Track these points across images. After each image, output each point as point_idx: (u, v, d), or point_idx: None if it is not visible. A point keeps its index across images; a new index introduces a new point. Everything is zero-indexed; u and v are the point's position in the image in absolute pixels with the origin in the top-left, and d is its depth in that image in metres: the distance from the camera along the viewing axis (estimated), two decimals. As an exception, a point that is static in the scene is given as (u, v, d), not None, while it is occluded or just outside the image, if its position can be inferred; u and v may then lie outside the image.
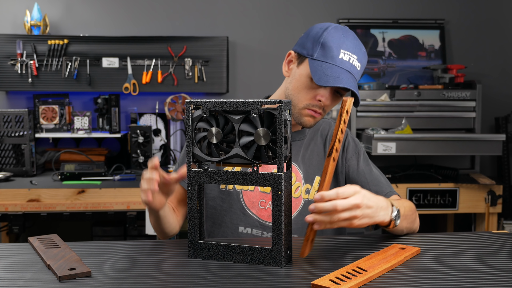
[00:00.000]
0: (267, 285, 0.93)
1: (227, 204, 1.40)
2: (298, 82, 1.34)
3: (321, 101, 1.32)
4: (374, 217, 1.08)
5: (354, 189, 1.05)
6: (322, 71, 1.28)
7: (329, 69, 1.28)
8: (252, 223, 1.39)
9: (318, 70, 1.28)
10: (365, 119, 2.86)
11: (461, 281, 0.94)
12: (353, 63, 1.30)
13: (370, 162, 1.49)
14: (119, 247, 1.16)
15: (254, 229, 1.39)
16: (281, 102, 1.00)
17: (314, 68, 1.29)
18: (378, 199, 1.11)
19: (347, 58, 1.29)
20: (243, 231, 1.39)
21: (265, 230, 1.39)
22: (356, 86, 1.31)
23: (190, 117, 1.08)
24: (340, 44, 1.29)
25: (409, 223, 1.27)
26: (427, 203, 2.72)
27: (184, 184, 1.44)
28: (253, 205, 1.39)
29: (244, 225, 1.39)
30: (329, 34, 1.30)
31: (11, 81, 3.00)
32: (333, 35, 1.30)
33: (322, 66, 1.28)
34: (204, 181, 1.07)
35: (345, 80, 1.27)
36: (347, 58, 1.29)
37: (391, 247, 1.13)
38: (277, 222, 1.02)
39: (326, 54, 1.29)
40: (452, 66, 3.08)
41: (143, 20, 3.19)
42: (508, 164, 3.08)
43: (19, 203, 2.45)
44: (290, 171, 1.06)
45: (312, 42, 1.32)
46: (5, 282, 0.95)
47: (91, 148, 3.13)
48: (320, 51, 1.30)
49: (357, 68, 1.31)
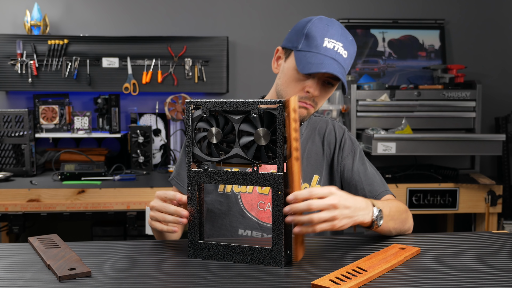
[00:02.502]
0: (267, 285, 0.93)
1: (226, 207, 1.40)
2: (286, 76, 1.34)
3: (310, 92, 1.31)
4: (353, 217, 1.07)
5: (329, 190, 1.04)
6: (306, 60, 1.28)
7: (313, 57, 1.28)
8: (252, 226, 1.38)
9: (302, 60, 1.29)
10: (365, 119, 2.86)
11: (461, 281, 0.94)
12: (338, 50, 1.29)
13: (366, 161, 1.48)
14: (119, 247, 1.16)
15: (254, 231, 1.38)
16: (281, 102, 1.00)
17: (299, 59, 1.29)
18: (355, 199, 1.10)
19: (332, 46, 1.29)
20: (243, 234, 1.39)
21: (265, 232, 1.38)
22: (343, 73, 1.30)
23: (190, 117, 1.08)
24: (324, 32, 1.29)
25: (398, 223, 1.26)
26: (427, 203, 2.72)
27: (182, 188, 1.44)
28: (252, 207, 1.39)
29: (243, 227, 1.39)
30: (313, 25, 1.31)
31: (11, 81, 3.00)
32: (317, 25, 1.31)
33: (306, 55, 1.29)
34: (204, 181, 1.07)
35: (328, 65, 1.27)
36: (331, 46, 1.29)
37: (391, 247, 1.12)
38: (277, 222, 1.02)
39: (310, 43, 1.29)
40: (452, 66, 3.08)
41: (143, 20, 3.19)
42: (508, 164, 3.08)
43: (19, 203, 2.45)
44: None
45: (297, 34, 1.33)
46: (5, 282, 0.95)
47: (91, 148, 3.13)
48: (304, 42, 1.30)
49: (343, 56, 1.30)
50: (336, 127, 1.49)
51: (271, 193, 1.37)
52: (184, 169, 1.45)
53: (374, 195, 1.39)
